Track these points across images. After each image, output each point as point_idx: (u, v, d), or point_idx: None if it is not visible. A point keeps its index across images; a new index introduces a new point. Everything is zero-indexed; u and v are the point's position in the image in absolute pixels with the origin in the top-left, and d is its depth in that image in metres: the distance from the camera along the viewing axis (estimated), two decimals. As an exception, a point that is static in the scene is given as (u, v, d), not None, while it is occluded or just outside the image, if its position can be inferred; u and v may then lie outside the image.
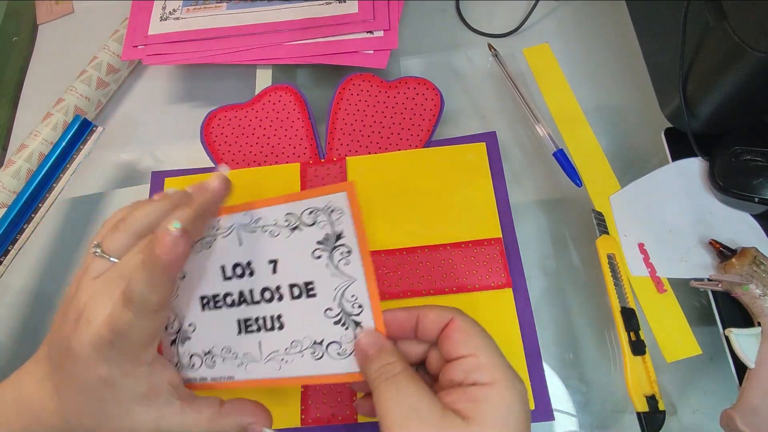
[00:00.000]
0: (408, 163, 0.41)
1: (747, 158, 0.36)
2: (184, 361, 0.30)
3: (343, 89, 0.45)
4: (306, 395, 0.35)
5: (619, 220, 0.39)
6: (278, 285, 0.28)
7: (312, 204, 0.28)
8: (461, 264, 0.38)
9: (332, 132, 0.43)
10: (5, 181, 0.46)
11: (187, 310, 0.30)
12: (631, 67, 0.46)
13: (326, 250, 0.27)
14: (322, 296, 0.27)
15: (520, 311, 0.36)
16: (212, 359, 0.29)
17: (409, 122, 0.43)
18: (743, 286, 0.33)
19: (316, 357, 0.27)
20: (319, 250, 0.27)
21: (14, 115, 0.56)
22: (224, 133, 0.45)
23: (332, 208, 0.27)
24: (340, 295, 0.27)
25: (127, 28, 0.51)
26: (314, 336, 0.27)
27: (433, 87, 0.44)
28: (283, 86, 0.46)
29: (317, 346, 0.27)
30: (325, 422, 0.34)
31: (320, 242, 0.27)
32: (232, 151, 0.44)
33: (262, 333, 0.28)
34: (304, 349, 0.28)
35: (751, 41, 0.30)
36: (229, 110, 0.45)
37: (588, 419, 0.36)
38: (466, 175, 0.40)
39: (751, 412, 0.31)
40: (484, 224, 0.39)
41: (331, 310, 0.27)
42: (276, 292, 0.28)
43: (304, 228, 0.28)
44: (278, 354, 0.28)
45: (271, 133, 0.44)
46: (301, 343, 0.28)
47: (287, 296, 0.28)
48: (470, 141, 0.42)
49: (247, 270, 0.29)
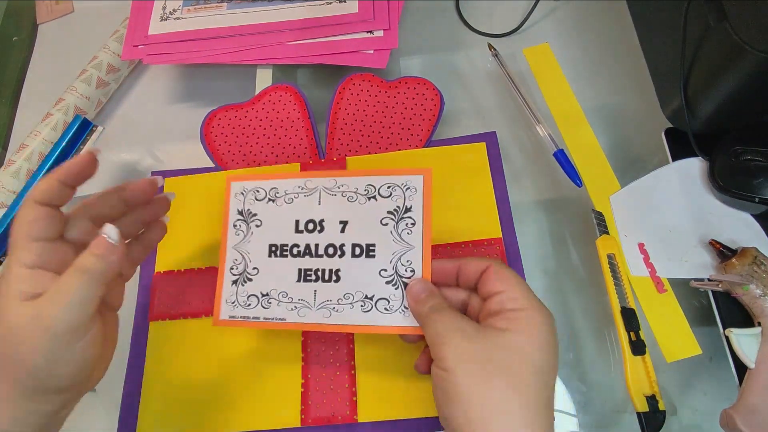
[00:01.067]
0: (408, 163, 0.41)
1: (747, 158, 0.36)
2: (241, 300, 0.34)
3: (343, 89, 0.45)
4: (306, 395, 0.35)
5: (619, 220, 0.39)
6: (342, 243, 0.33)
7: (392, 180, 0.33)
8: None
9: (332, 132, 0.43)
10: (5, 181, 0.46)
11: (254, 254, 0.34)
12: (632, 67, 0.46)
13: (394, 219, 0.32)
14: (381, 258, 0.32)
15: None
16: (268, 301, 0.33)
17: (409, 122, 0.43)
18: (743, 286, 0.33)
19: (365, 310, 0.31)
20: (387, 218, 0.32)
21: (14, 115, 0.56)
22: (224, 132, 0.45)
23: (408, 186, 0.32)
24: (396, 259, 0.32)
25: (127, 28, 0.51)
26: (366, 291, 0.31)
27: (433, 87, 0.44)
28: (283, 86, 0.46)
29: (367, 301, 0.31)
30: (325, 422, 0.34)
31: (390, 212, 0.32)
32: (232, 150, 0.44)
33: (319, 283, 0.32)
34: (355, 301, 0.32)
35: (751, 41, 0.30)
36: (230, 110, 0.45)
37: (588, 419, 0.36)
38: (466, 175, 0.40)
39: (750, 412, 0.31)
40: (485, 224, 0.39)
41: (386, 271, 0.32)
42: (339, 249, 0.33)
43: (380, 198, 0.33)
44: (330, 303, 0.32)
45: (271, 132, 0.44)
46: (353, 296, 0.32)
47: (348, 254, 0.32)
48: (470, 141, 0.42)
49: (318, 227, 0.33)
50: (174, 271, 0.40)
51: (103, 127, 0.47)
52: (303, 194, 0.34)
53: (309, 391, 0.35)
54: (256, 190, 0.35)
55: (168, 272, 0.40)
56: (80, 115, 0.46)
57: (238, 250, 0.35)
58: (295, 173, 0.35)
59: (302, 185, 0.34)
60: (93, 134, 0.46)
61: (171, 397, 0.37)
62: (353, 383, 0.35)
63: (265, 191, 0.35)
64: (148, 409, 0.36)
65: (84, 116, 0.47)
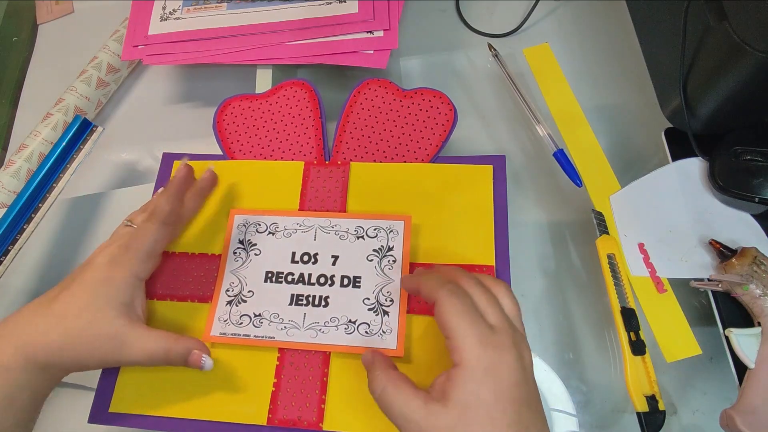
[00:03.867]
0: (411, 177, 0.41)
1: (747, 158, 0.36)
2: (234, 319, 0.37)
3: (358, 93, 0.44)
4: (276, 395, 0.35)
5: (619, 220, 0.39)
6: (333, 274, 0.37)
7: (378, 223, 0.38)
8: None
9: (341, 134, 0.43)
10: (5, 181, 0.46)
11: (251, 279, 0.38)
12: (632, 67, 0.46)
13: (378, 256, 0.37)
14: (365, 288, 0.37)
15: None
16: (260, 321, 0.37)
17: (418, 134, 0.42)
18: (743, 286, 0.33)
19: (348, 332, 0.35)
20: (372, 255, 0.37)
21: (14, 115, 0.56)
22: (236, 121, 0.44)
23: (391, 229, 0.38)
24: (378, 290, 0.36)
25: (127, 28, 0.51)
26: (350, 316, 0.36)
27: (448, 101, 0.42)
28: (299, 82, 0.45)
29: (351, 324, 0.36)
30: (290, 424, 0.34)
31: (375, 250, 0.38)
32: (241, 140, 0.44)
33: (309, 307, 0.37)
34: (340, 324, 0.36)
35: (751, 41, 0.30)
36: (244, 99, 0.45)
37: (588, 419, 0.36)
38: (468, 196, 0.39)
39: (750, 413, 0.31)
40: (478, 249, 0.38)
41: (369, 299, 0.36)
42: (330, 279, 0.37)
43: (367, 238, 0.38)
44: (318, 325, 0.36)
45: (281, 127, 0.44)
46: (338, 319, 0.36)
47: (337, 284, 0.37)
48: (478, 161, 0.40)
49: (313, 259, 0.38)
50: (168, 252, 0.40)
51: (103, 127, 0.47)
52: (301, 230, 0.39)
53: (279, 391, 0.35)
54: (257, 224, 0.40)
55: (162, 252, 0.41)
56: (80, 115, 0.46)
57: (236, 274, 0.38)
58: (295, 211, 0.40)
59: (301, 222, 0.39)
60: (93, 134, 0.46)
61: (148, 374, 0.37)
62: (324, 390, 0.35)
63: (266, 225, 0.40)
64: (125, 382, 0.37)
65: (84, 116, 0.47)
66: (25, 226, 0.42)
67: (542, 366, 0.38)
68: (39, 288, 0.46)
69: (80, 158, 0.45)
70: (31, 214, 0.43)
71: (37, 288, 0.46)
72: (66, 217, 0.48)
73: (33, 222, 0.42)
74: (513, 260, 0.38)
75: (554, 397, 0.37)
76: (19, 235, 0.42)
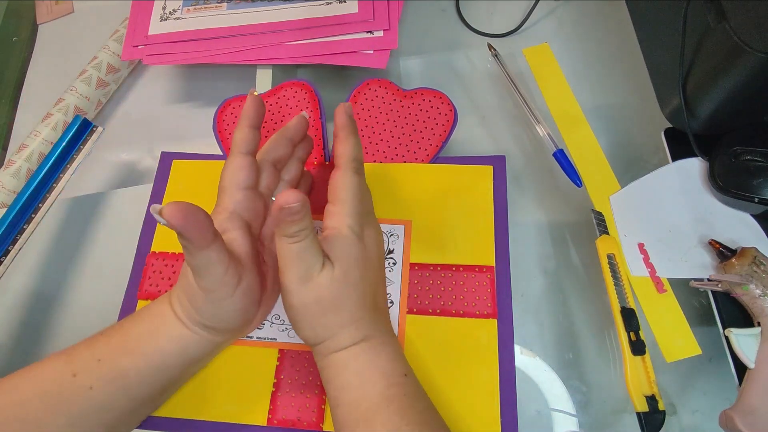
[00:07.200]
0: (411, 177, 0.41)
1: (747, 158, 0.36)
2: None
3: (358, 93, 0.44)
4: (276, 395, 0.35)
5: (619, 220, 0.39)
6: None
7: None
8: (449, 287, 0.37)
9: None
10: (5, 181, 0.46)
11: None
12: (631, 67, 0.46)
13: None
14: None
15: (502, 344, 0.35)
16: (261, 323, 0.37)
17: (419, 135, 0.42)
18: (743, 286, 0.33)
19: None
20: None
21: (14, 115, 0.56)
22: (236, 122, 0.44)
23: (392, 233, 0.39)
24: None
25: (127, 28, 0.51)
26: None
27: (449, 102, 0.43)
28: (299, 82, 0.45)
29: None
30: (290, 425, 0.34)
31: None
32: None
33: None
34: None
35: (751, 41, 0.30)
36: (244, 100, 0.45)
37: (588, 419, 0.36)
38: (468, 197, 0.40)
39: (750, 413, 0.31)
40: (479, 250, 0.38)
41: None
42: None
43: None
44: None
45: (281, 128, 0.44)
46: None
47: None
48: (479, 162, 0.41)
49: None
50: (169, 253, 0.40)
51: (103, 127, 0.47)
52: None
53: (279, 392, 0.35)
54: None
55: (162, 253, 0.41)
56: (80, 115, 0.46)
57: None
58: None
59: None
60: (93, 134, 0.46)
61: None
62: (324, 391, 0.35)
63: None
64: None
65: (84, 116, 0.47)
66: (25, 226, 0.42)
67: (542, 366, 0.38)
68: (39, 288, 0.46)
69: (80, 158, 0.45)
70: (31, 214, 0.43)
71: (37, 288, 0.46)
72: (66, 217, 0.48)
73: (33, 222, 0.42)
74: (513, 260, 0.38)
75: (554, 397, 0.37)
76: (19, 235, 0.42)
